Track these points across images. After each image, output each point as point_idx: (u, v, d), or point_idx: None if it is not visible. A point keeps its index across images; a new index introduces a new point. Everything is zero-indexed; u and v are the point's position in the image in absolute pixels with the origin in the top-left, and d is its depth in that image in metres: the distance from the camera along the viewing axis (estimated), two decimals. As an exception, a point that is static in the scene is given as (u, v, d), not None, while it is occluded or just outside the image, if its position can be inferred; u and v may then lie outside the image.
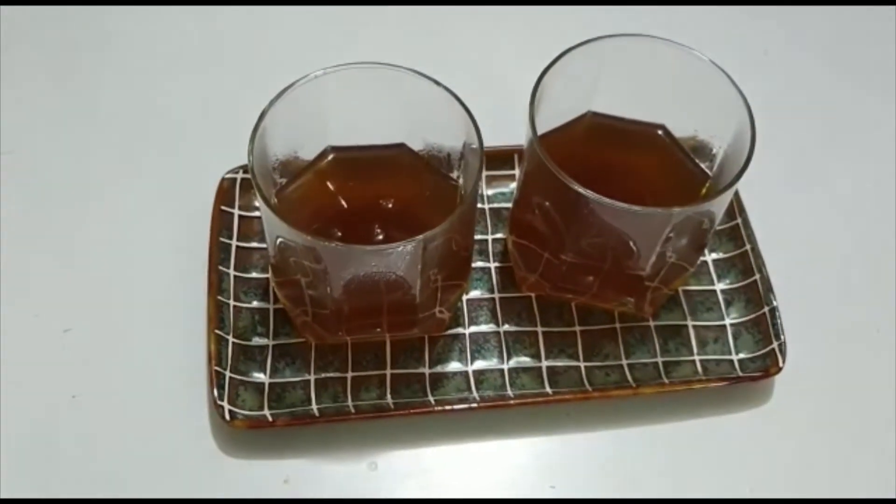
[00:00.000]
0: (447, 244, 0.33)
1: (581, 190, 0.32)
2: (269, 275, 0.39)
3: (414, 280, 0.33)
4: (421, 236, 0.31)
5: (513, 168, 0.43)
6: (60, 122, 0.44)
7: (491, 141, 0.34)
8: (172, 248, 0.40)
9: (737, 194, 0.41)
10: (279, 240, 0.33)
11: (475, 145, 0.33)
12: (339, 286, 0.34)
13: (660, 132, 0.38)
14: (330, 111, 0.35)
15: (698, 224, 0.34)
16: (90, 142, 0.44)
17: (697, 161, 0.37)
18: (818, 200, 0.44)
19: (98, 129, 0.44)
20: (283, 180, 0.36)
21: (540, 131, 0.34)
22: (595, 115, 0.38)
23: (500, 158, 0.42)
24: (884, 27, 0.51)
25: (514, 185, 0.42)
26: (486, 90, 0.37)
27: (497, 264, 0.40)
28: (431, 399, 0.36)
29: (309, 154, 0.37)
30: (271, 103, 0.33)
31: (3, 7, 0.48)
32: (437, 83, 0.34)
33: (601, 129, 0.38)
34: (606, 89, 0.37)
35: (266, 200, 0.32)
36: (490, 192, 0.42)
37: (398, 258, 0.32)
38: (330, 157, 0.37)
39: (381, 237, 0.36)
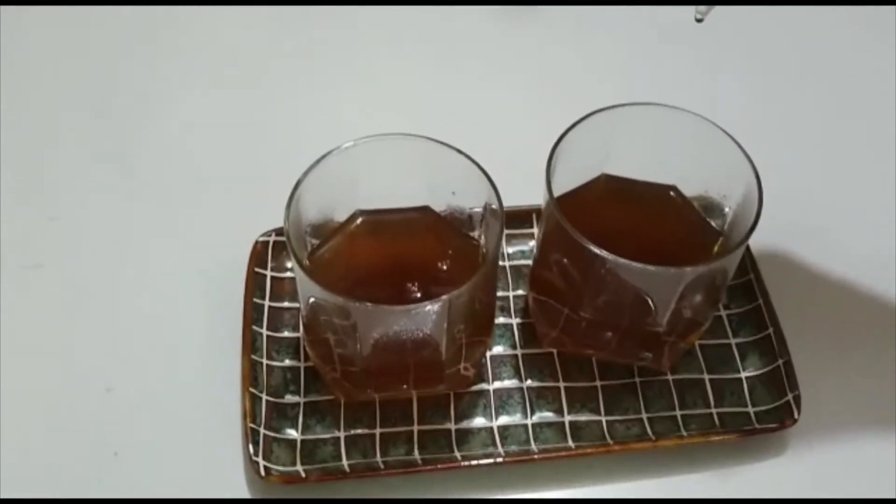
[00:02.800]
0: (472, 302, 0.35)
1: (597, 250, 0.33)
2: (299, 334, 0.41)
3: (440, 337, 0.35)
4: (447, 295, 0.32)
5: (531, 227, 0.45)
6: (101, 188, 0.47)
7: (509, 201, 0.35)
8: (208, 309, 0.42)
9: (748, 250, 0.43)
10: (312, 300, 0.35)
11: (496, 207, 0.35)
12: (368, 344, 0.35)
13: (671, 193, 0.40)
14: (359, 177, 0.37)
15: (711, 281, 0.36)
16: (129, 206, 0.46)
17: (709, 219, 0.39)
18: (828, 254, 0.45)
19: (137, 195, 0.47)
20: (315, 242, 0.38)
21: (556, 193, 0.36)
22: (609, 177, 0.40)
23: (518, 218, 0.44)
24: (888, 86, 0.53)
25: (532, 242, 0.44)
26: (503, 151, 0.39)
27: (519, 320, 0.42)
28: (458, 454, 0.38)
29: (339, 217, 0.39)
30: (306, 173, 0.35)
31: (44, 76, 0.51)
32: (459, 151, 0.36)
33: (615, 191, 0.40)
34: (619, 153, 0.39)
35: (300, 263, 0.34)
36: (510, 249, 0.44)
37: (425, 316, 0.34)
38: (359, 220, 0.39)
39: (408, 296, 0.37)
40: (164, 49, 0.53)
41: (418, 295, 0.37)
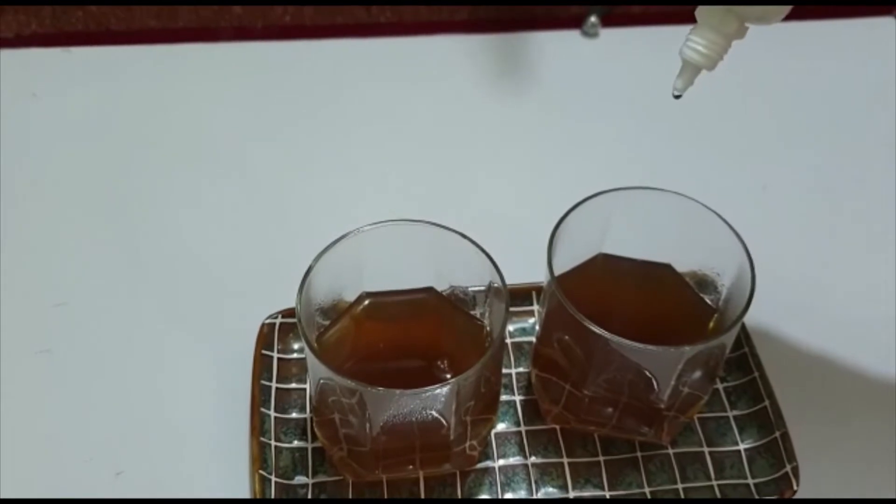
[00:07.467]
0: (479, 382, 0.36)
1: (598, 330, 0.35)
2: (306, 414, 0.41)
3: (449, 418, 0.36)
4: (455, 378, 0.33)
5: (532, 304, 0.46)
6: (108, 273, 0.47)
7: (509, 278, 0.36)
8: (216, 392, 0.43)
9: (742, 324, 0.44)
10: (321, 381, 0.36)
11: (499, 286, 0.36)
12: (376, 425, 0.36)
13: (667, 271, 0.41)
14: (366, 261, 0.39)
15: (709, 357, 0.37)
16: (136, 291, 0.47)
17: (703, 296, 0.41)
18: (821, 326, 0.47)
19: (144, 280, 0.47)
20: (324, 323, 0.39)
21: (556, 272, 0.37)
22: (606, 256, 0.41)
23: (519, 295, 0.45)
24: (880, 161, 0.55)
25: (533, 320, 0.45)
26: (500, 231, 0.40)
27: (522, 397, 0.43)
28: (465, 532, 0.38)
29: (347, 299, 0.40)
30: (317, 258, 0.36)
31: (51, 163, 0.52)
32: (464, 236, 0.37)
33: (613, 270, 0.41)
34: (615, 234, 0.41)
35: (311, 346, 0.35)
36: (512, 327, 0.45)
37: (435, 398, 0.34)
38: (365, 302, 0.40)
39: (415, 376, 0.38)
40: (172, 137, 0.55)
41: (433, 372, 0.37)
